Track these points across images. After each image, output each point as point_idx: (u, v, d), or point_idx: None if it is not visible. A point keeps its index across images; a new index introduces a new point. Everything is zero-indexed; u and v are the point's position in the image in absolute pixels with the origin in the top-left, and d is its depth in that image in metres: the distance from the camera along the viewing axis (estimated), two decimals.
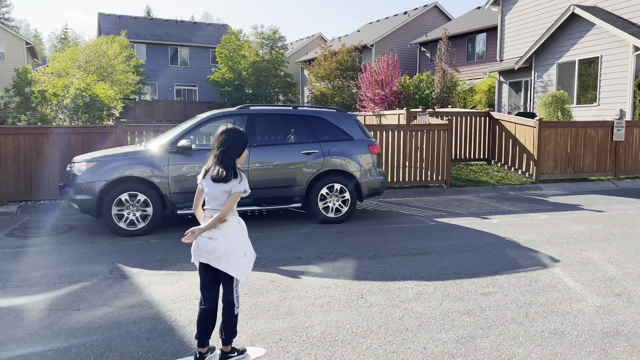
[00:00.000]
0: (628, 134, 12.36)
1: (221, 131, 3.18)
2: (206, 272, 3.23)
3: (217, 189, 3.13)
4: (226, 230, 3.14)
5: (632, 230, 7.17)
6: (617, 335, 3.75)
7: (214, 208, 3.15)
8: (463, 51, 28.63)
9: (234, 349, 3.28)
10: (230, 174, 3.11)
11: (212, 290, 3.25)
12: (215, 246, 3.11)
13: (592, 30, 16.97)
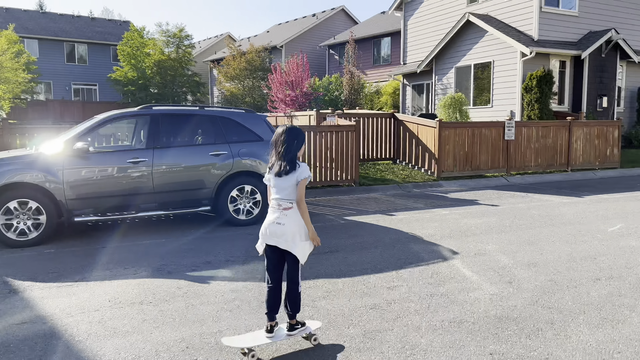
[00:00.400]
0: (517, 133, 13.44)
1: (282, 131, 3.56)
2: (273, 254, 3.63)
3: (284, 181, 3.51)
4: (292, 217, 3.51)
5: (522, 222, 7.80)
6: (508, 319, 4.05)
7: (282, 198, 3.54)
8: (369, 54, 29.58)
9: (297, 322, 3.65)
10: (292, 167, 3.48)
11: (277, 271, 3.64)
12: (284, 230, 3.51)
13: (485, 36, 18.26)
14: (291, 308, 3.62)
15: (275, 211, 3.58)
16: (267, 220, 3.63)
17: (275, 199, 3.59)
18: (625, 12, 19.25)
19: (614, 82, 18.20)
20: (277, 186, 3.56)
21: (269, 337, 3.54)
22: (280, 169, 3.50)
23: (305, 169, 3.53)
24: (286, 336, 3.60)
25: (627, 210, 8.74)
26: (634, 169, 14.81)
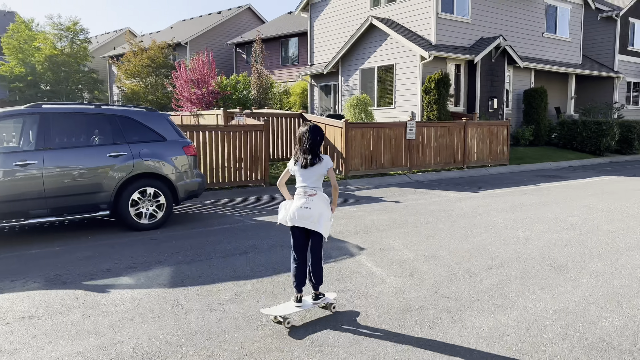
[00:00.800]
0: (418, 133, 14.13)
1: (306, 129, 4.05)
2: (300, 235, 4.13)
3: (310, 172, 4.02)
4: (317, 202, 4.03)
5: (422, 218, 8.21)
6: (411, 310, 4.24)
7: (308, 185, 4.05)
8: (277, 54, 29.61)
9: (320, 293, 4.22)
10: (317, 159, 4.00)
11: (303, 250, 4.16)
12: (311, 213, 4.00)
13: (387, 40, 18.99)
14: (316, 280, 4.17)
15: (302, 197, 4.08)
16: (295, 205, 4.08)
17: (301, 187, 4.08)
18: (511, 21, 20.95)
19: (503, 85, 19.74)
20: (303, 176, 4.07)
21: (298, 307, 4.08)
22: (307, 162, 4.00)
23: (329, 159, 4.11)
24: (312, 305, 4.16)
25: (516, 203, 9.51)
26: (521, 165, 16.18)
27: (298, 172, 4.08)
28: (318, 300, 4.19)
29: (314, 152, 4.02)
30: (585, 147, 19.33)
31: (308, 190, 4.06)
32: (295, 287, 4.15)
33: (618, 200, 9.77)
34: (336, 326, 3.95)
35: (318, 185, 4.08)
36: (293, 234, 4.18)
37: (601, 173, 14.64)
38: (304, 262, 4.16)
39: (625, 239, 6.66)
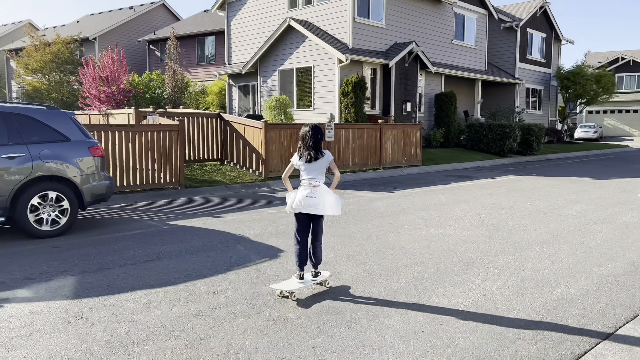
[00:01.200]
0: (337, 135, 14.32)
1: (308, 129, 4.60)
2: (305, 220, 4.70)
3: (313, 165, 4.58)
4: (320, 191, 4.59)
5: (342, 218, 8.28)
6: (329, 311, 4.23)
7: (312, 177, 4.60)
8: (193, 52, 28.80)
9: (319, 271, 4.81)
10: (320, 155, 4.57)
11: (306, 233, 4.73)
12: (316, 202, 4.56)
13: (305, 42, 19.09)
14: (315, 260, 4.78)
15: (307, 188, 4.60)
16: (300, 194, 4.60)
17: (306, 179, 4.62)
18: (424, 28, 21.86)
19: (415, 89, 20.54)
20: (308, 169, 4.61)
21: (300, 283, 4.64)
22: (311, 157, 4.56)
23: (329, 154, 4.68)
24: (312, 281, 4.73)
25: (429, 202, 9.90)
26: (433, 166, 16.90)
27: (303, 166, 4.63)
28: (317, 277, 4.78)
29: (317, 148, 4.59)
30: (490, 149, 20.59)
31: (313, 182, 4.61)
32: (297, 266, 4.71)
33: (520, 197, 10.47)
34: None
35: (321, 177, 4.65)
36: (298, 219, 4.75)
37: (505, 173, 15.64)
38: (305, 245, 4.74)
39: (527, 234, 7.12)
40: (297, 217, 4.75)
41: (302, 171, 4.64)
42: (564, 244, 6.52)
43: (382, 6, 19.75)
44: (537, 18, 28.90)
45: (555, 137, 30.13)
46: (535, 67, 29.23)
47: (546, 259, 5.83)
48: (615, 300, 4.49)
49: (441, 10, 22.73)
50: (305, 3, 20.04)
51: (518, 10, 28.56)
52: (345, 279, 5.08)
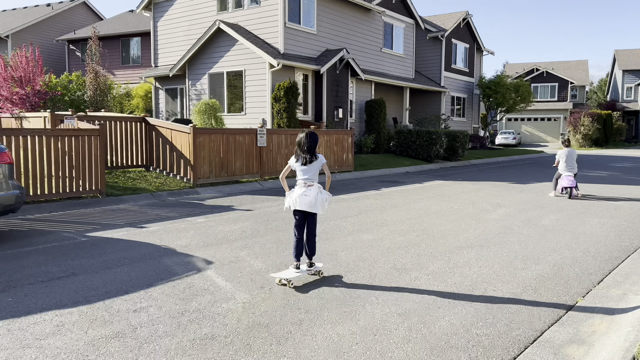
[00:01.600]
0: (269, 140, 14.11)
1: (304, 135, 5.14)
2: (301, 216, 5.21)
3: (308, 168, 5.11)
4: (314, 190, 5.09)
5: (274, 225, 8.10)
6: (261, 326, 4.04)
7: (307, 178, 5.13)
8: (117, 54, 27.54)
9: (313, 262, 5.30)
10: (314, 158, 5.11)
11: (302, 227, 5.22)
12: (309, 199, 5.06)
13: (236, 45, 18.74)
14: (310, 252, 5.31)
15: (302, 187, 5.15)
16: (296, 193, 5.14)
17: (302, 179, 5.17)
18: (354, 36, 22.16)
19: (347, 96, 20.74)
20: (303, 171, 5.17)
21: (297, 272, 5.12)
22: (307, 160, 5.12)
23: (322, 157, 5.25)
24: (306, 271, 5.23)
25: (361, 208, 9.92)
26: (365, 171, 17.10)
27: (299, 168, 5.18)
28: (311, 268, 5.29)
29: (312, 152, 5.15)
30: (419, 155, 21.18)
31: (307, 181, 5.16)
32: (294, 257, 5.22)
33: (448, 202, 10.76)
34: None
35: (315, 178, 5.20)
36: (295, 215, 5.29)
37: (432, 178, 16.10)
38: (302, 239, 5.24)
39: (456, 238, 7.28)
40: (294, 214, 5.32)
41: (298, 172, 5.21)
42: (491, 248, 6.71)
43: (313, 12, 19.80)
44: (461, 29, 30.21)
45: (479, 143, 31.57)
46: (459, 76, 30.51)
47: (475, 263, 5.96)
48: (539, 303, 4.62)
49: (371, 18, 23.16)
50: (235, 6, 19.69)
51: (443, 21, 29.72)
52: (276, 291, 4.90)
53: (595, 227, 8.17)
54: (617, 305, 4.55)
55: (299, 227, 5.27)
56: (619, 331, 3.85)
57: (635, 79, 52.04)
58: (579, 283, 5.23)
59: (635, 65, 52.41)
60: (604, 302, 4.66)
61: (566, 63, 59.19)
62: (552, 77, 52.31)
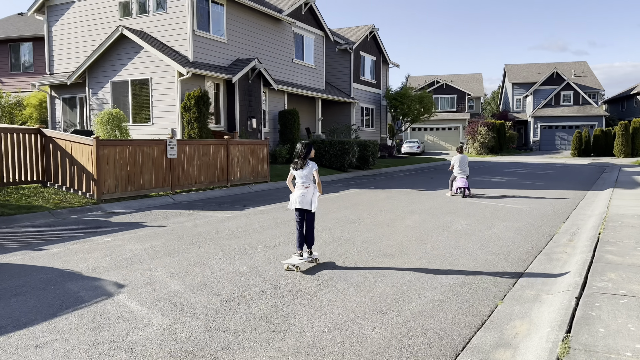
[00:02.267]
0: (180, 151, 13.51)
1: (301, 146, 6.25)
2: (301, 213, 6.32)
3: (302, 172, 6.21)
4: (309, 191, 6.25)
5: (190, 242, 7.69)
6: (184, 354, 3.73)
7: (303, 181, 6.23)
8: (6, 60, 25.24)
9: (312, 251, 6.41)
10: (307, 164, 6.21)
11: (302, 223, 6.30)
12: (306, 199, 6.24)
13: (141, 53, 17.86)
14: (309, 243, 6.33)
15: (300, 189, 6.19)
16: (296, 194, 6.22)
17: (300, 182, 6.19)
18: (266, 45, 22.04)
19: (260, 106, 20.53)
20: (299, 175, 6.19)
21: (300, 259, 6.11)
22: (299, 166, 6.16)
23: (314, 164, 6.20)
24: (307, 258, 6.19)
25: (281, 219, 9.75)
26: (281, 182, 16.95)
27: (296, 172, 6.26)
28: (311, 256, 6.33)
29: (305, 159, 6.20)
30: (332, 164, 21.44)
31: (303, 184, 6.22)
32: (297, 247, 6.24)
33: (364, 211, 10.91)
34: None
35: (309, 181, 6.23)
36: (296, 213, 6.33)
37: (347, 187, 16.33)
38: (302, 232, 6.26)
39: (377, 247, 7.34)
40: (296, 212, 6.35)
41: (297, 176, 6.29)
42: (411, 255, 6.83)
43: (223, 21, 19.42)
44: (368, 42, 31.20)
45: (387, 152, 32.68)
46: (367, 87, 31.46)
47: (397, 271, 6.01)
48: (464, 309, 4.73)
49: (281, 29, 23.19)
50: (139, 12, 18.79)
51: (351, 33, 30.53)
52: (200, 314, 4.59)
53: (503, 231, 8.64)
54: (533, 306, 4.77)
55: (299, 222, 6.28)
56: (539, 332, 4.01)
57: (523, 91, 56.89)
58: (496, 286, 5.45)
59: (523, 78, 57.33)
60: (521, 303, 4.88)
61: (463, 76, 63.36)
62: (451, 89, 55.71)
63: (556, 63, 58.46)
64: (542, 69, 58.13)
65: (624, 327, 3.87)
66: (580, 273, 5.48)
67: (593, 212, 10.59)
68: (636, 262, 5.84)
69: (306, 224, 6.28)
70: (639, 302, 4.43)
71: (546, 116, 49.56)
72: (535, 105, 51.62)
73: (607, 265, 5.72)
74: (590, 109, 48.68)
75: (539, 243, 7.68)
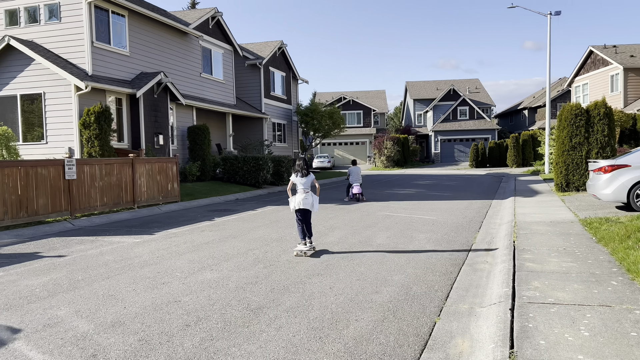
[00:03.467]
0: (80, 172, 12.37)
1: (303, 162, 7.90)
2: (302, 213, 7.86)
3: (305, 179, 7.81)
4: (310, 195, 7.83)
5: (97, 272, 6.91)
6: None
7: (304, 187, 7.80)
8: None
9: (311, 240, 7.95)
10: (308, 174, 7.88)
11: (302, 220, 7.86)
12: (308, 201, 7.79)
13: (32, 65, 16.34)
14: (309, 234, 7.93)
15: (302, 193, 7.84)
16: (299, 198, 7.84)
17: (302, 188, 7.84)
18: (172, 59, 21.16)
19: (167, 121, 19.58)
20: (301, 182, 7.84)
21: (305, 247, 7.80)
22: (303, 174, 7.84)
23: (312, 175, 7.97)
24: (309, 246, 7.85)
25: (197, 242, 9.15)
26: (193, 201, 16.17)
27: (299, 180, 7.83)
28: (311, 244, 7.87)
29: (307, 169, 7.87)
30: (247, 181, 20.93)
31: (305, 189, 7.82)
32: (301, 239, 7.90)
33: (285, 228, 10.60)
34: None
35: (309, 187, 7.86)
36: (297, 213, 7.89)
37: (264, 204, 15.93)
38: (303, 227, 7.84)
39: (304, 266, 7.04)
40: (297, 212, 7.90)
41: (299, 184, 7.84)
42: (340, 273, 6.63)
43: (125, 33, 18.35)
44: (277, 58, 31.17)
45: None
46: (278, 103, 31.35)
47: (329, 292, 5.76)
48: (404, 330, 4.57)
49: (188, 42, 22.43)
50: (29, 21, 17.22)
51: (260, 49, 30.32)
52: (114, 357, 4.00)
53: (424, 243, 8.74)
54: (470, 321, 4.74)
55: (300, 220, 7.90)
56: (483, 349, 3.93)
57: (424, 106, 59.96)
58: (430, 301, 5.38)
59: (423, 95, 60.48)
60: (458, 318, 4.82)
61: (368, 92, 65.59)
62: (358, 105, 57.39)
63: (452, 80, 62.39)
64: (440, 85, 61.74)
65: (561, 337, 3.91)
66: (507, 283, 5.58)
67: (502, 220, 11.13)
68: (554, 269, 6.08)
69: (305, 221, 7.89)
70: (568, 310, 4.54)
71: (445, 130, 52.55)
72: (435, 120, 54.57)
73: (530, 274, 5.89)
74: (484, 123, 52.38)
75: (460, 254, 7.82)
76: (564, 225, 9.48)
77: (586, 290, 5.11)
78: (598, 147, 14.75)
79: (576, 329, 4.07)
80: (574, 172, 15.19)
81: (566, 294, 5.01)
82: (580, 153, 14.99)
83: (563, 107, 15.61)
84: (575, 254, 6.86)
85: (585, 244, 7.53)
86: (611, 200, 10.93)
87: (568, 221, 9.91)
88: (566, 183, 15.41)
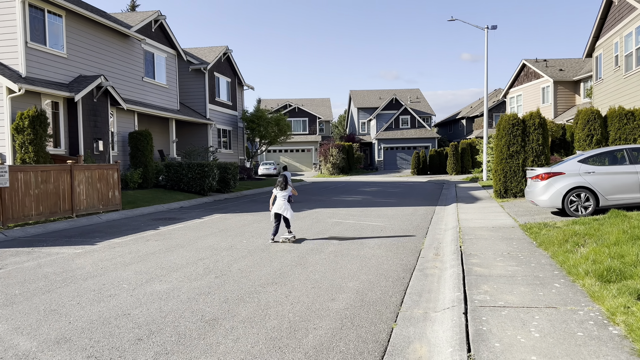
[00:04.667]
0: (13, 179, 11.63)
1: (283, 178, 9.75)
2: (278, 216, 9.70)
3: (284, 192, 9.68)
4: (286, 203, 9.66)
5: (36, 286, 6.50)
6: None
7: (284, 196, 9.65)
8: None
9: (290, 231, 9.79)
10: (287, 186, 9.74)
11: (278, 221, 9.70)
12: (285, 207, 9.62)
13: None
14: (287, 226, 9.72)
15: (281, 200, 9.61)
16: (277, 204, 9.62)
17: (281, 197, 9.62)
18: (112, 62, 20.41)
19: (108, 127, 18.83)
20: (281, 195, 9.64)
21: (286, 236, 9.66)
22: (282, 188, 9.65)
23: (290, 188, 9.79)
24: (288, 234, 9.72)
25: (143, 252, 8.82)
26: (135, 209, 15.59)
27: (280, 193, 9.62)
28: (291, 234, 9.72)
29: (286, 184, 9.66)
30: (191, 188, 20.44)
31: (284, 198, 9.62)
32: (272, 235, 9.64)
33: (234, 236, 10.42)
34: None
35: (287, 196, 9.67)
36: (275, 217, 9.69)
37: (210, 212, 15.61)
38: (278, 225, 9.67)
39: (257, 275, 6.95)
40: (275, 215, 9.67)
41: (279, 195, 9.63)
42: (295, 281, 6.58)
43: (62, 34, 17.53)
44: (222, 63, 30.78)
45: (246, 174, 32.34)
46: (224, 109, 30.93)
47: (285, 301, 5.71)
48: (363, 336, 4.59)
49: (130, 45, 21.73)
50: None
51: (205, 54, 29.84)
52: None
53: (374, 249, 8.85)
54: (426, 326, 4.83)
55: (277, 221, 9.66)
56: (441, 354, 4.02)
57: (367, 115, 61.05)
58: (386, 307, 5.44)
59: (367, 103, 61.60)
60: (414, 323, 4.90)
61: (313, 100, 66.03)
62: (303, 112, 57.63)
63: (395, 89, 63.96)
64: (383, 95, 63.12)
65: (514, 339, 4.05)
66: (458, 287, 5.74)
67: (447, 226, 11.47)
68: (501, 273, 6.32)
69: (284, 220, 9.64)
70: (518, 313, 4.72)
71: (388, 138, 53.73)
72: (379, 128, 55.69)
73: (479, 278, 6.09)
74: (425, 131, 54.00)
75: (410, 259, 7.98)
76: (505, 230, 9.89)
77: (532, 293, 5.34)
78: (534, 156, 15.54)
79: (527, 330, 4.24)
80: (512, 179, 15.93)
81: (515, 297, 5.22)
82: (518, 161, 15.74)
83: (501, 117, 16.35)
84: (519, 258, 7.17)
85: (527, 248, 7.89)
86: (548, 206, 11.53)
87: (509, 226, 10.36)
88: (504, 190, 16.12)
